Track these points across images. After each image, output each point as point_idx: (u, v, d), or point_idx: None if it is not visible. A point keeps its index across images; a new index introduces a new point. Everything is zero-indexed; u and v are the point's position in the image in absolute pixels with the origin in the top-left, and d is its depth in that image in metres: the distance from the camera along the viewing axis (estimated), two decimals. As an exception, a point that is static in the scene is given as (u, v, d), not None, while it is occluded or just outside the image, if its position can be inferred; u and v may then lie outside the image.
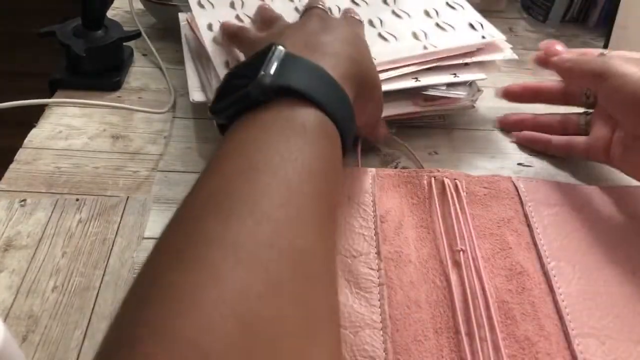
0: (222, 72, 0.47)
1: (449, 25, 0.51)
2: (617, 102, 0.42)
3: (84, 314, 0.36)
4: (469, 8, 0.54)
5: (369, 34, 0.49)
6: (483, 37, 0.50)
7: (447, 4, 0.54)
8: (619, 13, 0.61)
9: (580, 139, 0.48)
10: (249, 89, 0.30)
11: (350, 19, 0.46)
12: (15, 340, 0.26)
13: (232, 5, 0.53)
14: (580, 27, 0.72)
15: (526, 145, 0.51)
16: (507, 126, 0.53)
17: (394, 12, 0.53)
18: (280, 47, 0.32)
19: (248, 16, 0.51)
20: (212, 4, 0.53)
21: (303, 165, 0.27)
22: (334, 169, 0.30)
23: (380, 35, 0.50)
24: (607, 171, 0.49)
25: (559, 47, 0.48)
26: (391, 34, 0.50)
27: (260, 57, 0.32)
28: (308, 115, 0.30)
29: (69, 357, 0.34)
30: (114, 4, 0.70)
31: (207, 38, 0.50)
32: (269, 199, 0.24)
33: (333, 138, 0.31)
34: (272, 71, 0.30)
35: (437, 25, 0.51)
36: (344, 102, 0.33)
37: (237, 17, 0.52)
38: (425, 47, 0.48)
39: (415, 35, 0.50)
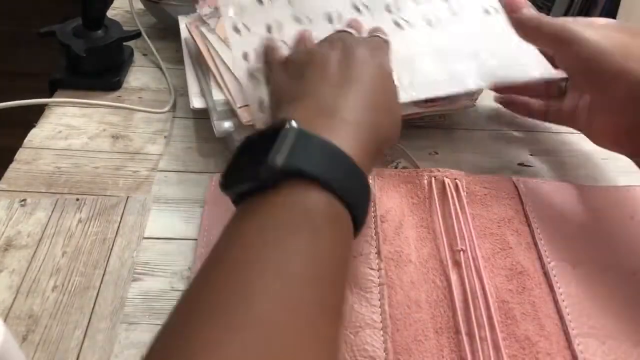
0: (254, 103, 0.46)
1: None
2: (573, 67, 0.42)
3: (84, 314, 0.36)
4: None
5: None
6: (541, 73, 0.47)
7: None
8: (619, 13, 0.61)
9: (555, 104, 0.48)
10: (259, 171, 0.29)
11: (376, 42, 0.42)
12: (15, 340, 0.26)
13: (269, 29, 0.50)
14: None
15: (508, 109, 0.53)
16: (499, 90, 0.53)
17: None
18: (294, 125, 0.30)
19: (285, 42, 0.48)
20: (247, 28, 0.50)
21: (307, 267, 0.26)
22: (342, 264, 0.29)
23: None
24: (608, 171, 0.49)
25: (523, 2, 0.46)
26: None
27: (271, 135, 0.30)
28: (319, 201, 0.28)
29: (69, 357, 0.34)
30: (114, 4, 0.70)
31: (241, 68, 0.47)
32: (265, 303, 0.24)
33: (344, 224, 0.30)
34: (283, 154, 0.28)
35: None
36: (359, 183, 0.31)
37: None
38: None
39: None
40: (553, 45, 0.43)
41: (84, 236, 0.41)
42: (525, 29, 0.44)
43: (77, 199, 0.44)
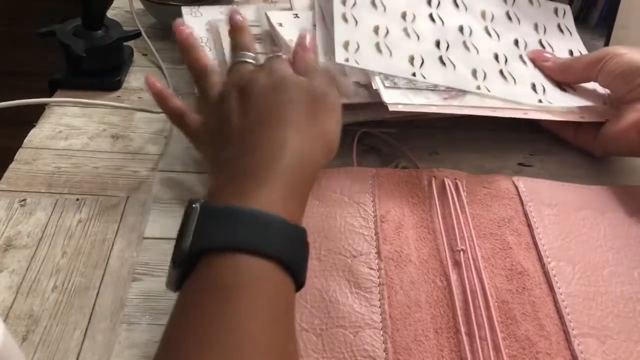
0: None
1: (569, 86, 0.52)
2: (614, 76, 0.47)
3: (84, 314, 0.36)
4: None
5: (491, 67, 0.50)
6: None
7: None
8: (619, 13, 0.61)
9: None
10: (174, 258, 0.30)
11: (273, 64, 0.39)
12: (15, 340, 0.26)
13: (373, 3, 0.51)
14: (581, 27, 0.72)
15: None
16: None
17: (521, 57, 0.53)
18: (195, 205, 0.30)
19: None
20: (355, 20, 0.50)
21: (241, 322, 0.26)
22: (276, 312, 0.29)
23: (501, 72, 0.50)
24: (608, 171, 0.49)
25: (547, 54, 0.53)
26: (512, 76, 0.50)
27: (183, 219, 0.30)
28: (231, 266, 0.28)
29: (69, 357, 0.34)
30: (114, 4, 0.70)
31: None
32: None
33: (268, 278, 0.29)
34: (189, 237, 0.29)
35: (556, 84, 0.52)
36: (285, 237, 0.30)
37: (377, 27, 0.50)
38: (540, 101, 0.49)
39: (533, 87, 0.50)
40: (595, 65, 0.48)
41: (84, 236, 0.41)
42: (566, 67, 0.51)
43: (77, 199, 0.44)
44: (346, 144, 0.49)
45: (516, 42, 0.54)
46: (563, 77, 0.51)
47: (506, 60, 0.52)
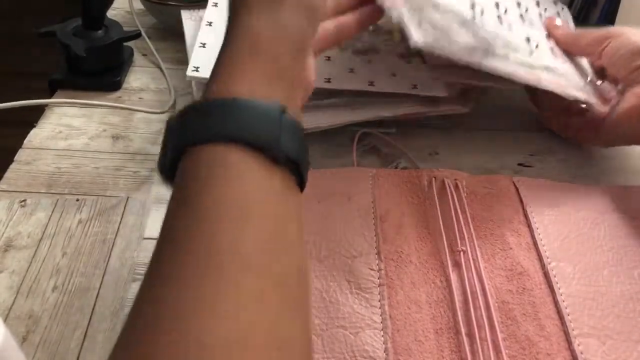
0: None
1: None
2: (618, 55, 0.46)
3: (84, 314, 0.36)
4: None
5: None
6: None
7: None
8: (619, 13, 0.61)
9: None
10: (159, 169, 0.29)
11: None
12: (15, 340, 0.26)
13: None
14: (581, 27, 0.72)
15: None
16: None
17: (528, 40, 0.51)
18: (173, 116, 0.29)
19: None
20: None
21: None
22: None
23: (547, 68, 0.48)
24: (608, 171, 0.49)
25: (558, 21, 0.52)
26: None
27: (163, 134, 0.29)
28: (209, 163, 0.26)
29: (69, 357, 0.34)
30: (114, 4, 0.70)
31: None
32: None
33: (247, 166, 0.26)
34: (169, 147, 0.28)
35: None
36: (260, 121, 0.27)
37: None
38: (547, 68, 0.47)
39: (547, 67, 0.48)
40: (602, 42, 0.47)
41: (84, 236, 0.41)
42: (572, 39, 0.50)
43: (77, 200, 0.44)
44: (346, 144, 0.49)
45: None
46: (569, 49, 0.50)
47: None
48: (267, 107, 0.28)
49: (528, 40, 0.48)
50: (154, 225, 0.42)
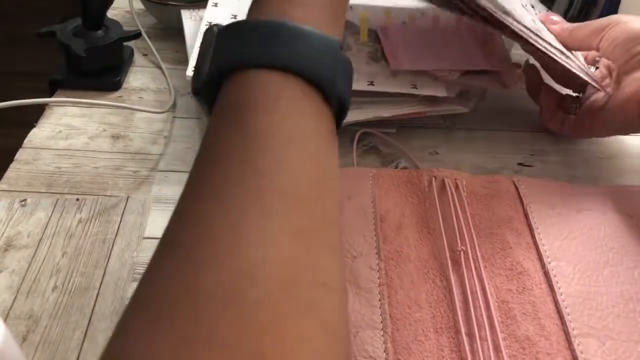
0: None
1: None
2: (616, 43, 0.45)
3: (84, 314, 0.36)
4: None
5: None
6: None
7: None
8: (619, 13, 0.61)
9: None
10: (192, 89, 0.27)
11: None
12: (15, 340, 0.26)
13: None
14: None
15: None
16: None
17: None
18: (215, 29, 0.27)
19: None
20: None
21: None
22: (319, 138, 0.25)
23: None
24: (608, 171, 0.49)
25: (555, 17, 0.51)
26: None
27: (200, 45, 0.28)
28: (253, 89, 0.25)
29: (69, 357, 0.34)
30: (114, 4, 0.70)
31: None
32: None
33: (301, 99, 0.25)
34: (208, 60, 0.26)
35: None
36: (314, 50, 0.26)
37: None
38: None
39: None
40: (599, 33, 0.46)
41: (84, 236, 0.41)
42: (570, 32, 0.49)
43: (77, 199, 0.44)
44: (346, 144, 0.49)
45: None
46: (566, 42, 0.50)
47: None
48: (328, 40, 0.26)
49: (534, 22, 0.48)
50: (154, 225, 0.42)
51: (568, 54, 0.48)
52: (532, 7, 0.54)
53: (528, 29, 0.45)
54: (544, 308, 0.36)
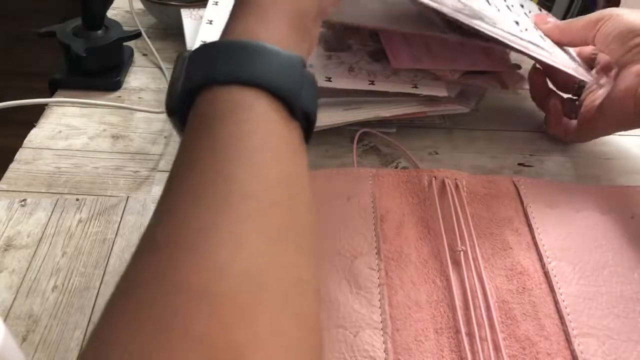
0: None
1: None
2: (611, 37, 0.45)
3: (84, 314, 0.36)
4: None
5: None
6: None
7: None
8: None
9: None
10: (166, 108, 0.29)
11: None
12: (15, 340, 0.26)
13: None
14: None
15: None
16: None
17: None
18: (185, 55, 0.29)
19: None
20: None
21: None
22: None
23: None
24: (608, 171, 0.49)
25: (550, 18, 0.51)
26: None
27: (173, 70, 0.29)
28: (217, 103, 0.26)
29: (69, 357, 0.34)
30: (114, 4, 0.70)
31: None
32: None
33: (261, 112, 0.26)
34: (178, 82, 0.28)
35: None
36: (272, 64, 0.27)
37: None
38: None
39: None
40: (593, 27, 0.46)
41: (84, 236, 0.41)
42: (564, 27, 0.49)
43: (77, 199, 0.44)
44: (346, 144, 0.49)
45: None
46: (560, 38, 0.50)
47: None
48: (291, 57, 0.28)
49: (517, 23, 0.48)
50: (154, 225, 0.42)
51: (555, 50, 0.48)
52: (522, 6, 0.54)
53: (504, 31, 0.44)
54: (544, 308, 0.36)
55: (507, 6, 0.51)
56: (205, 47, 0.28)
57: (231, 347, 0.19)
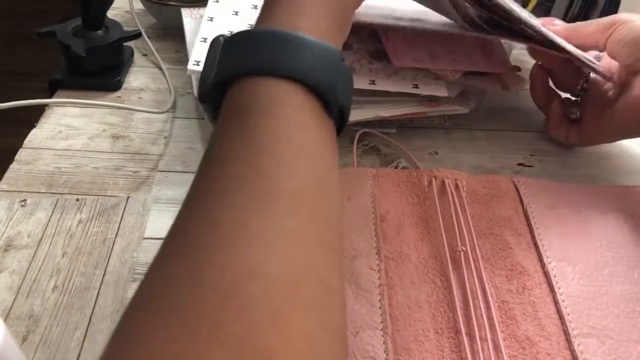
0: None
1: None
2: (623, 43, 0.44)
3: (84, 314, 0.36)
4: None
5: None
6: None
7: None
8: (619, 13, 0.61)
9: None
10: (198, 95, 0.28)
11: None
12: (15, 340, 0.26)
13: None
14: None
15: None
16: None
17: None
18: (221, 39, 0.28)
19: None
20: None
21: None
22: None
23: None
24: (608, 171, 0.49)
25: (557, 21, 0.50)
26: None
27: (207, 54, 0.29)
28: (255, 95, 0.26)
29: (69, 357, 0.34)
30: (114, 4, 0.70)
31: None
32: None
33: (298, 106, 0.26)
34: (213, 69, 0.27)
35: None
36: (315, 58, 0.27)
37: None
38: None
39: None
40: (605, 31, 0.46)
41: (84, 236, 0.41)
42: (573, 31, 0.48)
43: (78, 199, 0.44)
44: (346, 144, 0.49)
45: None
46: (569, 40, 0.49)
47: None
48: (329, 50, 0.27)
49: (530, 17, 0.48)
50: (154, 225, 0.42)
51: (571, 47, 0.48)
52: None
53: (531, 21, 0.45)
54: (544, 308, 0.36)
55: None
56: (243, 35, 0.27)
57: (261, 350, 0.18)
